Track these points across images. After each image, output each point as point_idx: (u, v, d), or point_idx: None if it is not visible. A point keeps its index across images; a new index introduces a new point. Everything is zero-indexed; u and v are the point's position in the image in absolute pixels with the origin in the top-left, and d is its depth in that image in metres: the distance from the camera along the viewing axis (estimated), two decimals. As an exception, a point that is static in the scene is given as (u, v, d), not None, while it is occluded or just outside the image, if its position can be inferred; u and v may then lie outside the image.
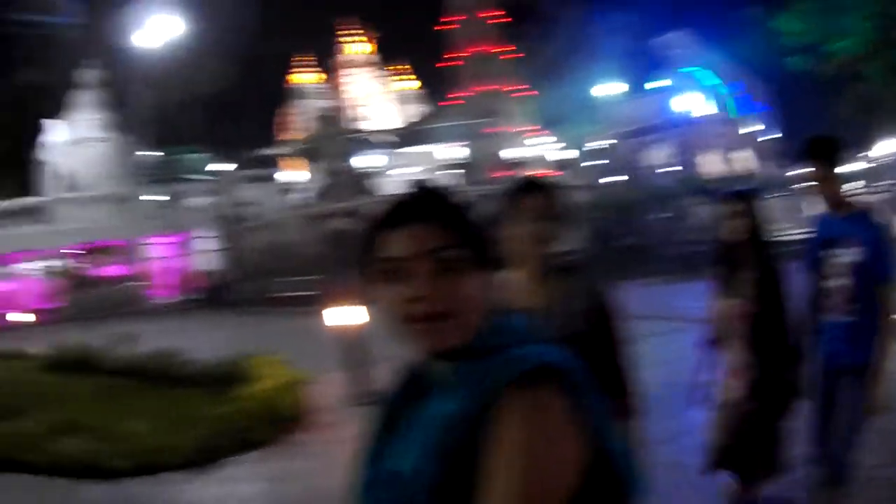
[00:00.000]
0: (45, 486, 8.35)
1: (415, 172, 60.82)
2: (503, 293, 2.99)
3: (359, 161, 60.65)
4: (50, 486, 8.34)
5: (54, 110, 52.31)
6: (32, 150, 52.35)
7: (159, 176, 47.56)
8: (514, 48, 66.12)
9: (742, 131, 52.94)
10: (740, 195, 5.10)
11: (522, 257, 3.24)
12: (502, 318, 1.59)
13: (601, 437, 1.45)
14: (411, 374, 1.67)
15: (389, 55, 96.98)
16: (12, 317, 24.29)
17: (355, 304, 11.03)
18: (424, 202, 1.58)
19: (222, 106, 67.07)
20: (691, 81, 51.74)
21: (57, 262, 43.70)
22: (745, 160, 50.34)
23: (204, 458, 8.59)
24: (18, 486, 8.44)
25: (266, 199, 48.49)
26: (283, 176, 60.07)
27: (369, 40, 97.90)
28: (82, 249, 44.28)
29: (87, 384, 13.35)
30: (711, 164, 48.20)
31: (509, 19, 66.70)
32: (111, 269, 44.46)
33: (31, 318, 24.49)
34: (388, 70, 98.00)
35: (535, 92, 62.98)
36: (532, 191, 3.28)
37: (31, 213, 45.23)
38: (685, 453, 5.25)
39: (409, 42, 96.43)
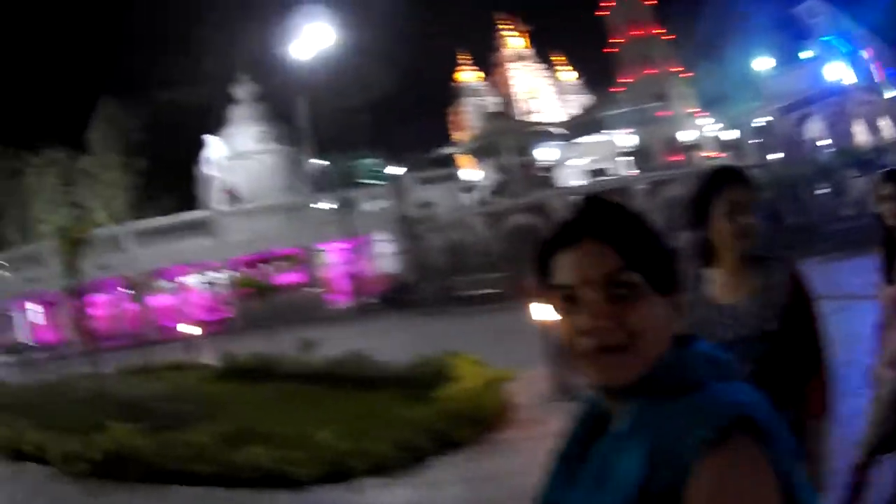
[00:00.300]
0: (217, 498, 7.98)
1: (590, 162, 61.21)
2: (708, 290, 3.18)
3: (535, 154, 60.94)
4: (222, 498, 7.96)
5: (215, 126, 54.45)
6: (194, 166, 54.53)
7: (333, 183, 48.41)
8: (665, 31, 67.76)
9: (887, 97, 51.73)
10: (892, 176, 4.72)
11: (723, 252, 3.19)
12: (686, 349, 1.45)
13: (791, 484, 1.33)
14: (592, 406, 1.56)
15: (543, 48, 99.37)
16: (183, 328, 24.87)
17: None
18: (596, 217, 1.45)
19: (391, 109, 68.56)
20: (833, 50, 51.32)
21: (227, 274, 45.07)
22: (890, 129, 48.71)
23: (401, 461, 8.17)
24: (190, 497, 8.14)
25: (443, 199, 48.79)
26: (462, 174, 60.63)
27: (522, 35, 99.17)
28: (254, 260, 45.49)
29: (266, 391, 13.30)
30: (862, 135, 47.37)
31: (655, 1, 68.78)
32: (286, 277, 45.71)
33: (201, 329, 25.00)
34: (547, 63, 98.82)
35: (691, 73, 64.30)
36: (732, 182, 3.16)
37: (197, 227, 46.72)
38: (852, 437, 4.68)
39: (562, 34, 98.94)
